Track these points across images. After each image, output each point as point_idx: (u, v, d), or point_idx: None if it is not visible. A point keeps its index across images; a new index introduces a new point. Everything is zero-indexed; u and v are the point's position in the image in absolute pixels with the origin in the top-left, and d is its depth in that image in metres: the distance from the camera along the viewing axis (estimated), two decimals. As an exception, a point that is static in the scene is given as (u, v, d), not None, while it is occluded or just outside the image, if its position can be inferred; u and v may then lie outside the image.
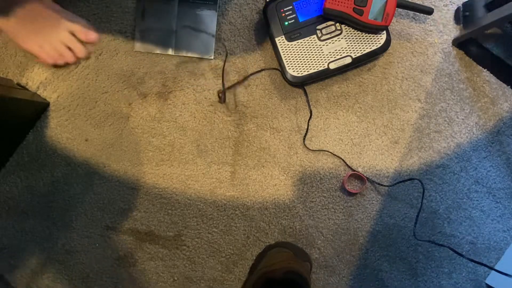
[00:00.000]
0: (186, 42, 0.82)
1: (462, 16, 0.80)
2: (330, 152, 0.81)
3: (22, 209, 0.81)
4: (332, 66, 0.78)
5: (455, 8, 0.82)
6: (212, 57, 0.82)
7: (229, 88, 0.81)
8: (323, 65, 0.78)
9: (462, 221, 0.81)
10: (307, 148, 0.81)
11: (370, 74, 0.82)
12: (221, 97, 0.79)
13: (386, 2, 0.75)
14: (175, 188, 0.82)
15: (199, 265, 0.81)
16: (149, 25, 0.82)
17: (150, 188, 0.82)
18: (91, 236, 0.81)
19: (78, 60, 0.81)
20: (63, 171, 0.81)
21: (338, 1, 0.74)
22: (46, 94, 0.82)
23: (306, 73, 0.78)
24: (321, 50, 0.78)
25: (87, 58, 0.82)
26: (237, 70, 0.82)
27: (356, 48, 0.78)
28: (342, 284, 0.81)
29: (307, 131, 0.81)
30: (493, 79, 0.82)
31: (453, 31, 0.82)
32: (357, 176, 0.82)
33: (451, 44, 0.82)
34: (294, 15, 0.78)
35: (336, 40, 0.78)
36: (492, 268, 0.72)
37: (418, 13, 0.82)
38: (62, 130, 0.82)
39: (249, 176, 0.82)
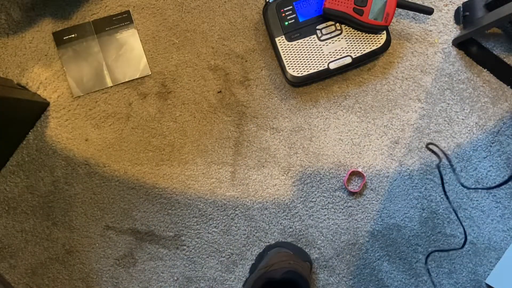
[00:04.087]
0: (120, 69, 0.81)
1: (462, 16, 0.80)
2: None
3: (22, 209, 0.81)
4: (332, 66, 0.77)
5: (455, 8, 0.82)
6: (150, 73, 0.81)
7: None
8: (323, 65, 0.78)
9: (462, 221, 0.81)
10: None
11: (370, 74, 0.82)
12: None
13: (386, 2, 0.75)
14: (175, 188, 0.82)
15: (199, 265, 0.81)
16: (79, 69, 0.81)
17: (150, 188, 0.82)
18: (91, 236, 0.81)
19: None
20: (63, 171, 0.81)
21: (338, 1, 0.74)
22: (46, 94, 0.82)
23: (306, 73, 0.78)
24: (321, 50, 0.78)
25: None
26: (237, 70, 0.82)
27: (356, 48, 0.78)
28: (342, 284, 0.81)
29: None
30: (493, 79, 0.82)
31: (453, 31, 0.82)
32: (357, 175, 0.82)
33: (451, 44, 0.82)
34: (294, 15, 0.78)
35: (336, 40, 0.78)
36: None
37: (418, 13, 0.82)
38: (62, 130, 0.82)
39: (249, 176, 0.82)
